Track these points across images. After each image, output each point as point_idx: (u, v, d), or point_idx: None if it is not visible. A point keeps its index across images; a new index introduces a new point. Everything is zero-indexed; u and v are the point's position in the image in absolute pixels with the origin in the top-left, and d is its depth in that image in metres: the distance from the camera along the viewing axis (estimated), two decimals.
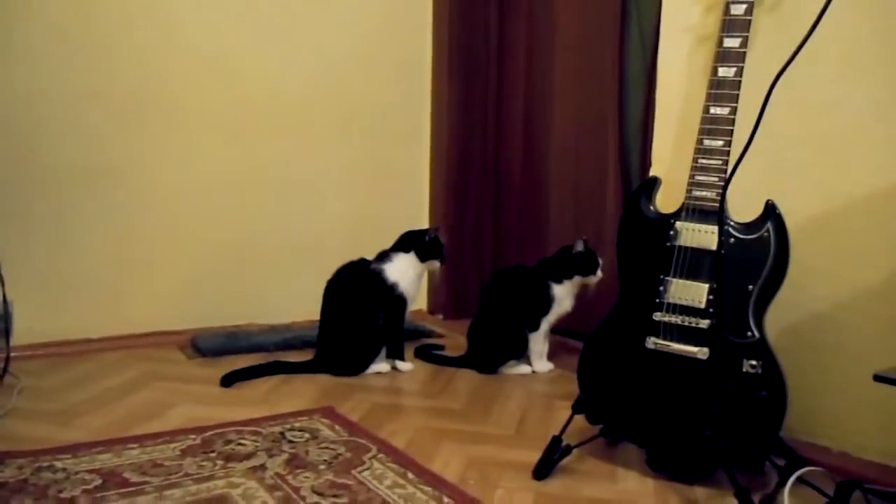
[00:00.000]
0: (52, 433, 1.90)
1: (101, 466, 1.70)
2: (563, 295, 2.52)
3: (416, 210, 3.32)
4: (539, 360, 2.58)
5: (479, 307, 2.65)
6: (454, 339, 2.93)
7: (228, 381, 2.33)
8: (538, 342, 2.57)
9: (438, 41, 3.27)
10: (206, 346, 2.62)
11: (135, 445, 1.82)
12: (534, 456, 1.80)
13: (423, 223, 3.28)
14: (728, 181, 1.58)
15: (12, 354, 2.30)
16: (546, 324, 2.54)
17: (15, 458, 1.72)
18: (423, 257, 2.54)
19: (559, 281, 2.51)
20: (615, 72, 2.71)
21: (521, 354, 2.58)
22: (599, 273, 2.48)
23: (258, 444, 1.86)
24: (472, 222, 3.31)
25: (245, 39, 2.85)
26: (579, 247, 2.47)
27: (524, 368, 2.58)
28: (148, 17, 2.66)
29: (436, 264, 2.58)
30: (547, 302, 2.51)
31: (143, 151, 2.70)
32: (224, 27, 2.81)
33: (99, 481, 1.63)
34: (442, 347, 2.82)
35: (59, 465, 1.70)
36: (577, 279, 2.50)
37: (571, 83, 2.92)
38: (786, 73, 1.50)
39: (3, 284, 2.00)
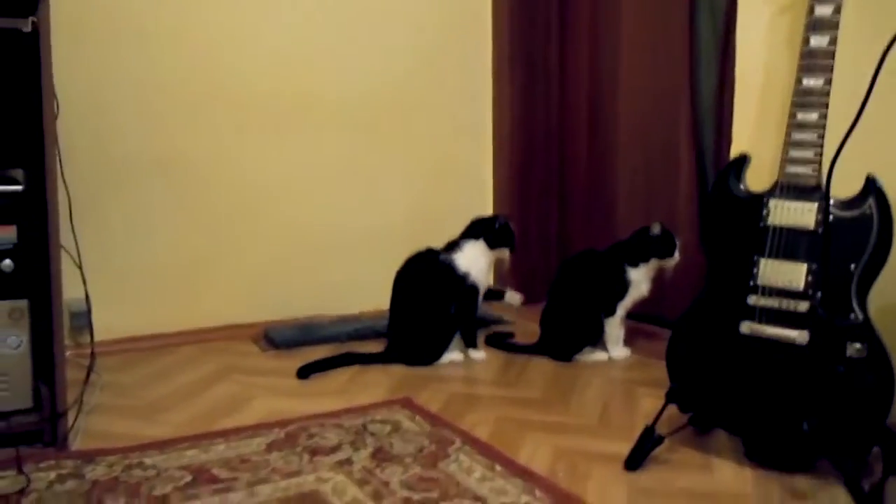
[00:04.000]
0: (136, 429, 1.91)
1: (189, 463, 1.71)
2: (640, 279, 2.45)
3: (479, 198, 3.28)
4: (616, 346, 2.52)
5: (551, 293, 2.60)
6: (523, 326, 2.89)
7: (304, 372, 2.32)
8: (615, 328, 2.51)
9: (498, 29, 3.20)
10: (280, 338, 2.62)
11: (220, 440, 1.83)
12: (620, 446, 1.76)
13: (487, 210, 3.24)
14: (835, 157, 1.50)
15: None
16: (622, 309, 2.48)
17: (105, 456, 1.73)
18: (492, 244, 2.50)
19: (635, 264, 2.45)
20: (685, 45, 2.61)
21: (597, 341, 2.52)
22: (677, 255, 2.41)
23: (342, 437, 1.85)
24: (536, 208, 3.25)
25: (313, 36, 2.85)
26: (656, 229, 2.40)
27: (601, 355, 2.52)
28: (218, 12, 2.67)
29: (506, 252, 2.53)
30: (623, 286, 2.45)
31: (213, 145, 2.71)
32: (293, 24, 2.81)
33: (189, 478, 1.63)
34: (512, 335, 2.78)
35: (148, 461, 1.71)
36: (653, 262, 2.43)
37: (638, 58, 2.82)
38: (880, 40, 1.42)
39: (84, 283, 2.02)
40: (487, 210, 3.27)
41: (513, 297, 2.55)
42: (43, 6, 1.69)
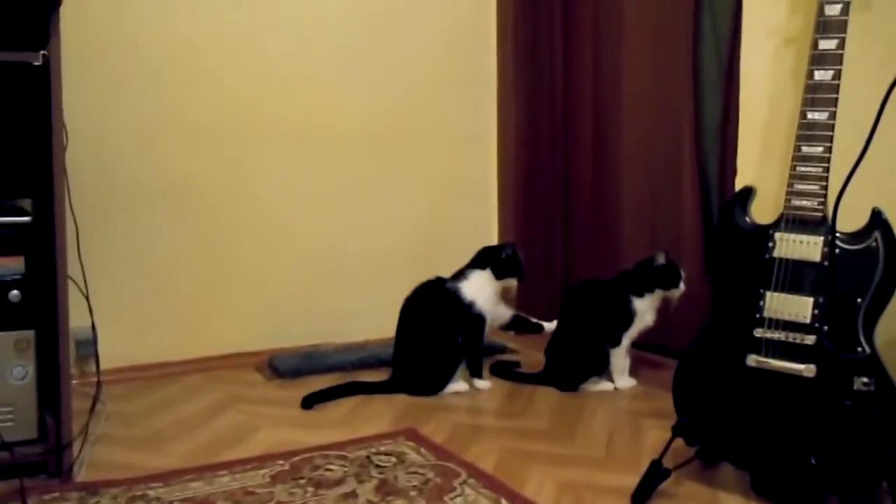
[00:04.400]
0: (141, 460, 1.91)
1: (193, 495, 1.70)
2: (645, 309, 2.45)
3: (485, 223, 3.28)
4: (621, 376, 2.52)
5: (557, 324, 2.59)
6: (528, 355, 2.88)
7: (309, 402, 2.32)
8: (620, 358, 2.50)
9: (503, 51, 3.23)
10: (284, 366, 2.62)
11: (224, 472, 1.82)
12: (627, 479, 1.75)
13: (493, 236, 3.25)
14: (842, 191, 1.50)
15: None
16: (627, 339, 2.48)
17: (109, 488, 1.73)
18: (499, 275, 2.50)
19: (640, 295, 2.44)
20: (689, 76, 2.63)
21: (602, 371, 2.51)
22: (682, 286, 2.41)
23: (346, 469, 1.84)
24: (541, 234, 3.25)
25: (315, 58, 2.86)
26: (661, 259, 2.40)
27: (606, 385, 2.51)
28: (221, 38, 2.69)
29: (513, 282, 2.53)
30: (628, 316, 2.45)
31: (217, 171, 2.72)
32: (294, 47, 2.82)
33: None
34: (517, 364, 2.77)
35: (152, 493, 1.70)
36: (658, 293, 2.43)
37: (642, 88, 2.84)
38: (886, 72, 1.43)
39: (91, 313, 2.02)
40: (493, 233, 3.27)
41: (552, 325, 2.58)
42: (54, 40, 1.72)
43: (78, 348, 2.42)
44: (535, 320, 2.70)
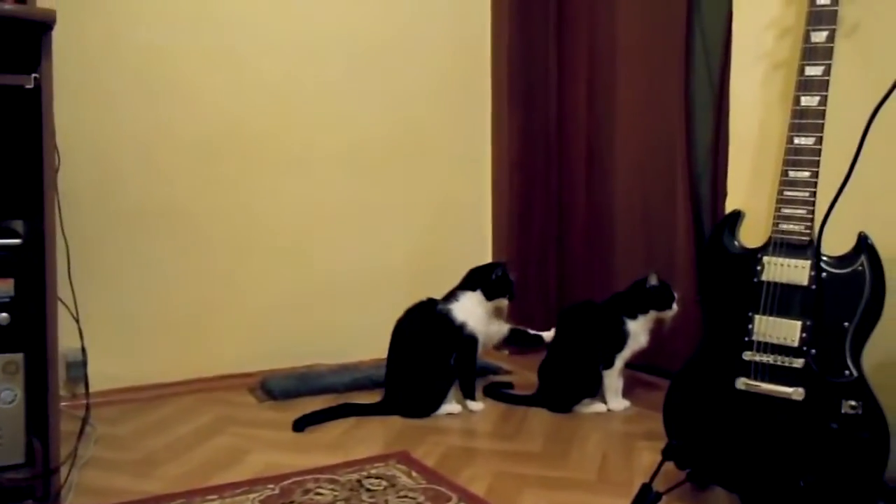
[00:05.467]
0: (130, 484, 1.90)
1: None
2: (638, 330, 2.45)
3: (480, 244, 3.29)
4: (615, 398, 2.51)
5: (550, 345, 2.59)
6: (522, 376, 2.88)
7: (300, 425, 2.31)
8: (613, 379, 2.50)
9: (497, 75, 3.26)
10: (277, 388, 2.61)
11: (214, 497, 1.81)
12: (619, 502, 1.75)
13: (487, 258, 3.25)
14: (827, 215, 1.51)
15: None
16: (621, 360, 2.48)
17: None
18: (489, 296, 2.50)
19: (633, 316, 2.45)
20: (681, 99, 2.66)
21: (596, 392, 2.51)
22: (675, 307, 2.41)
23: (336, 493, 1.83)
24: (536, 255, 3.27)
25: (312, 81, 2.89)
26: (653, 280, 2.41)
27: (599, 407, 2.51)
28: (217, 60, 2.71)
29: (503, 302, 2.53)
30: (622, 338, 2.45)
31: (211, 192, 2.73)
32: (291, 69, 2.85)
33: None
34: (511, 385, 2.77)
35: None
36: (652, 314, 2.43)
37: (635, 112, 2.86)
38: (871, 98, 1.44)
39: (81, 337, 2.02)
40: (487, 254, 3.28)
41: (550, 334, 2.59)
42: (45, 63, 1.72)
43: (69, 370, 2.42)
44: (533, 332, 2.68)
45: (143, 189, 2.61)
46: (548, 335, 2.63)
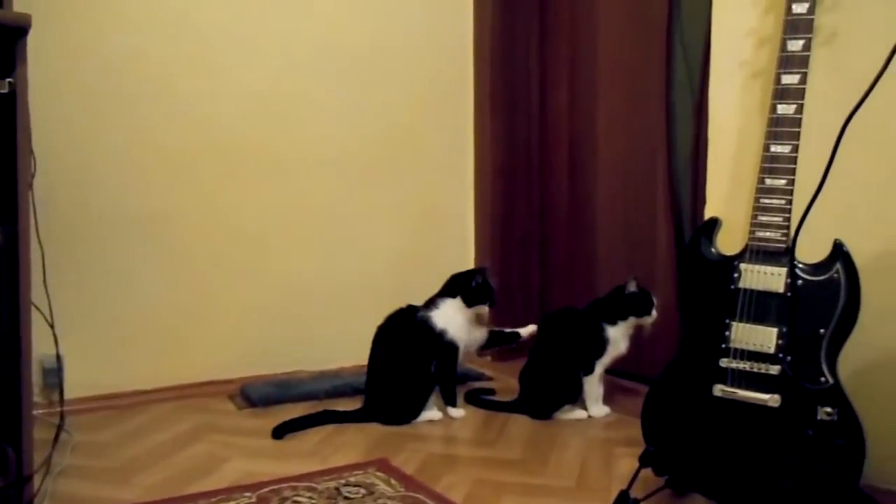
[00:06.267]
0: (108, 492, 1.88)
1: None
2: (618, 337, 2.46)
3: (462, 251, 3.29)
4: (595, 404, 2.51)
5: (530, 351, 2.60)
6: (503, 382, 2.88)
7: (280, 432, 2.30)
8: (593, 386, 2.50)
9: (480, 83, 3.26)
10: (257, 395, 2.60)
11: None
12: None
13: (470, 264, 3.25)
14: (801, 223, 1.52)
15: (65, 409, 2.30)
16: (601, 367, 2.48)
17: None
18: (469, 302, 2.49)
19: (613, 322, 2.45)
20: (662, 106, 2.67)
21: (576, 399, 2.51)
22: (654, 313, 2.42)
23: (314, 501, 1.82)
24: (518, 261, 3.27)
25: (293, 89, 2.87)
26: (632, 287, 2.41)
27: (580, 413, 2.51)
28: (198, 66, 2.69)
29: (484, 309, 2.53)
30: (601, 344, 2.45)
31: (190, 199, 2.71)
32: (273, 73, 2.83)
33: None
34: (492, 391, 2.77)
35: None
36: (631, 320, 2.44)
37: (616, 119, 2.88)
38: (847, 106, 1.46)
39: (56, 343, 2.00)
40: (470, 261, 3.28)
41: (527, 329, 2.59)
42: (21, 68, 1.70)
43: (45, 376, 2.39)
44: (509, 330, 2.68)
45: (121, 195, 2.59)
46: (525, 331, 2.63)
